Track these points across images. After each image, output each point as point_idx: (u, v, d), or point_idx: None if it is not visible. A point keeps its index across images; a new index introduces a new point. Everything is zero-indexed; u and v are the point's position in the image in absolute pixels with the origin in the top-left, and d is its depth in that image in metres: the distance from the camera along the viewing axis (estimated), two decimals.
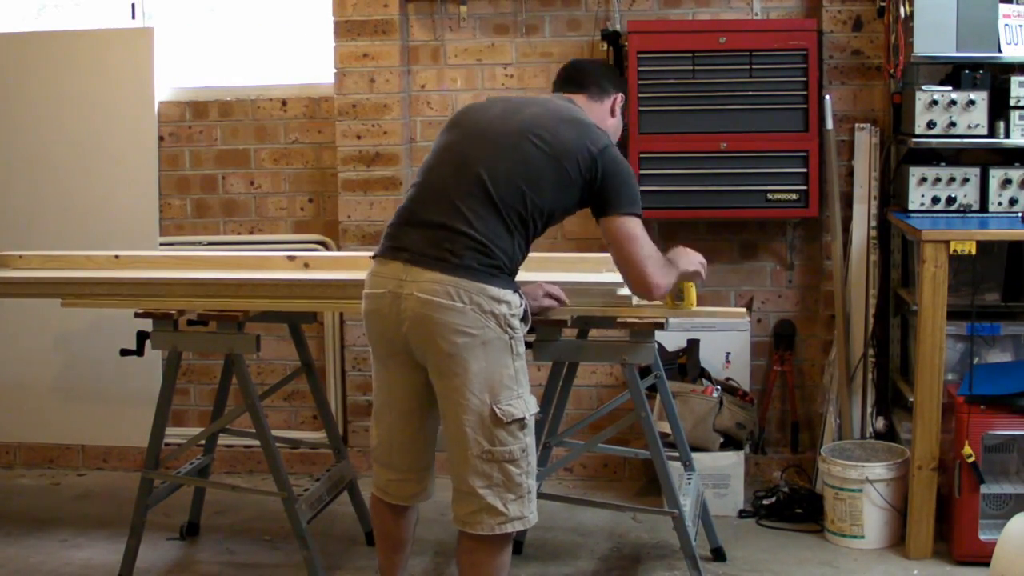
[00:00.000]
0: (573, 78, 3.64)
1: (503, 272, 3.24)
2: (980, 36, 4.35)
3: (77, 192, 5.22)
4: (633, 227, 3.34)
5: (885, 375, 4.82)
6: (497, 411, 3.22)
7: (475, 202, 3.22)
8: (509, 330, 3.24)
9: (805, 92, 4.71)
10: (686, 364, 4.87)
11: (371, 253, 3.42)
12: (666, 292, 3.48)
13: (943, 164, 4.48)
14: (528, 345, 3.77)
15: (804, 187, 4.74)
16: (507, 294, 3.23)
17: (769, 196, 4.76)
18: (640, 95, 4.75)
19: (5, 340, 5.25)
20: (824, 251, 4.89)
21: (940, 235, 4.10)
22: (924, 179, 4.45)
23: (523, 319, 3.29)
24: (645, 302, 3.70)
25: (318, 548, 4.09)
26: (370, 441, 3.52)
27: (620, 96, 3.65)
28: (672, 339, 4.90)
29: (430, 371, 3.28)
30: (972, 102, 4.35)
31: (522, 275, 3.39)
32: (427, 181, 3.34)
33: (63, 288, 4.21)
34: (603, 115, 3.57)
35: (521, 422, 3.26)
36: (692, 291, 3.76)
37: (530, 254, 3.37)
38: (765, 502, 4.65)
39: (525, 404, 3.28)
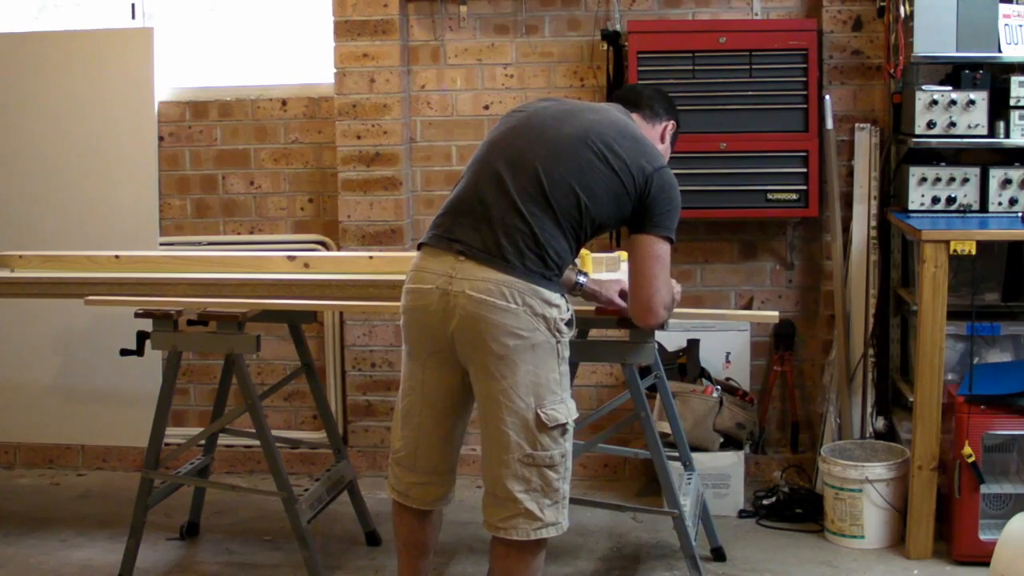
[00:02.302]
0: (627, 98, 3.58)
1: (555, 275, 3.21)
2: (980, 36, 4.35)
3: (77, 192, 5.22)
4: (663, 250, 3.28)
5: (885, 375, 4.82)
6: (542, 415, 3.17)
7: (532, 200, 3.17)
8: (557, 334, 3.20)
9: (805, 92, 4.72)
10: (686, 364, 4.87)
11: (417, 241, 3.34)
12: (658, 326, 3.43)
13: (943, 164, 4.48)
14: None
15: (804, 187, 4.75)
16: (557, 298, 3.20)
17: (769, 196, 4.76)
18: None
19: (5, 340, 5.26)
20: (824, 251, 4.89)
21: (940, 235, 4.10)
22: (924, 179, 4.45)
23: (569, 324, 3.25)
24: None
25: (318, 548, 4.10)
26: (392, 443, 3.42)
27: (672, 123, 3.60)
28: (672, 339, 4.90)
29: (474, 372, 3.21)
30: (972, 102, 4.35)
31: None
32: (481, 173, 3.25)
33: (63, 288, 4.22)
34: (654, 139, 3.51)
35: (563, 427, 3.22)
36: (588, 259, 3.82)
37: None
38: (765, 502, 4.65)
39: (568, 409, 3.24)
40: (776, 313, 3.97)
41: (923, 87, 4.42)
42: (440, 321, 3.19)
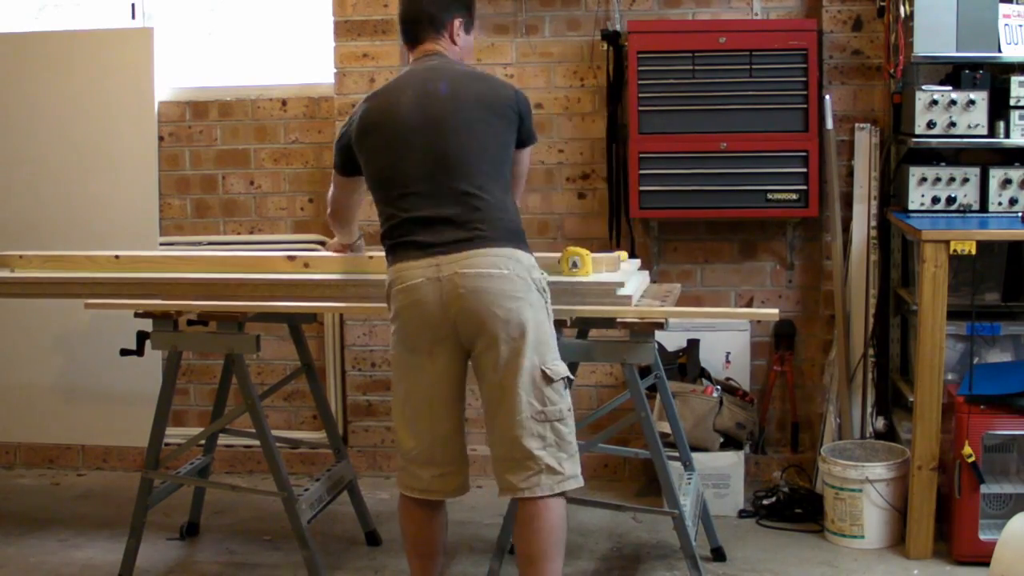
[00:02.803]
0: (410, 30, 3.54)
1: (523, 235, 3.38)
2: (980, 36, 4.35)
3: (77, 192, 5.22)
4: (529, 154, 3.61)
5: (885, 375, 4.82)
6: (546, 371, 3.31)
7: (470, 181, 3.32)
8: (543, 293, 3.36)
9: (805, 92, 4.72)
10: (686, 364, 4.87)
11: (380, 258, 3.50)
12: None
13: (943, 164, 4.48)
14: None
15: (804, 187, 4.75)
16: (534, 259, 3.37)
17: (769, 196, 4.76)
18: (640, 95, 4.76)
19: (5, 340, 5.26)
20: (824, 251, 4.89)
21: (940, 235, 4.10)
22: (924, 179, 4.45)
23: (547, 285, 3.41)
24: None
25: (318, 548, 4.10)
26: (402, 444, 3.46)
27: (457, 19, 3.54)
28: (672, 339, 4.90)
29: (482, 344, 3.30)
30: (972, 102, 4.35)
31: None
32: (409, 184, 3.36)
33: (63, 288, 4.22)
34: (450, 48, 3.53)
35: (565, 380, 3.36)
36: (588, 260, 3.83)
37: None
38: (765, 502, 4.65)
39: (563, 364, 3.38)
40: (776, 311, 3.96)
41: (923, 87, 4.42)
42: (439, 309, 3.29)
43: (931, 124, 4.38)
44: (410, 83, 3.46)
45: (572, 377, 3.42)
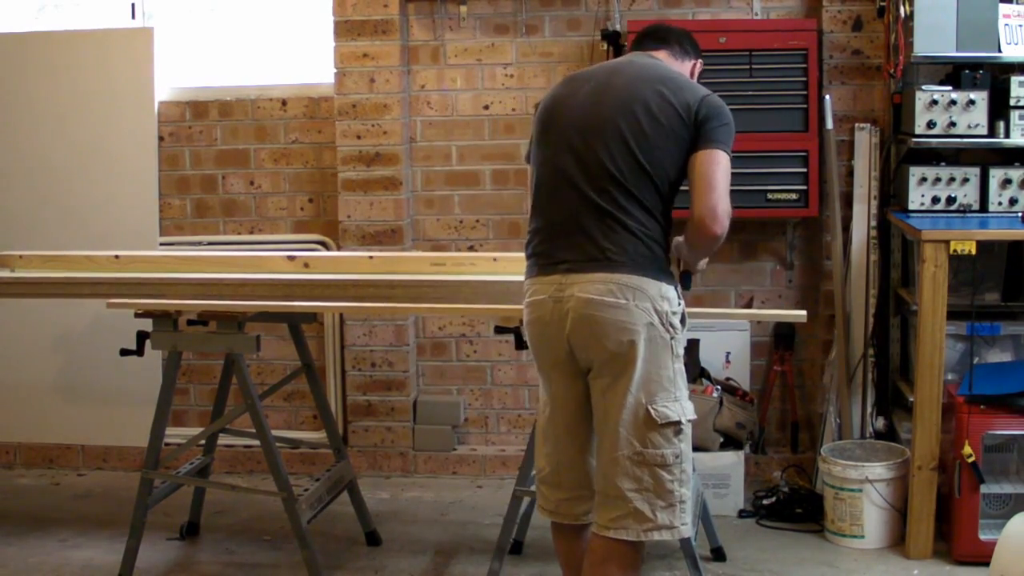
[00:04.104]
0: (653, 34, 3.47)
1: (661, 263, 3.15)
2: (980, 36, 4.35)
3: (77, 192, 5.22)
4: (724, 159, 3.16)
5: (885, 375, 4.82)
6: (652, 412, 3.12)
7: (613, 198, 3.12)
8: (670, 329, 3.15)
9: (805, 92, 4.72)
10: (686, 364, 4.86)
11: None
12: (719, 236, 3.13)
13: (943, 164, 4.48)
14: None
15: (804, 187, 4.75)
16: (668, 290, 3.15)
17: (769, 196, 4.76)
18: None
19: (5, 340, 5.26)
20: (824, 251, 4.89)
21: (940, 235, 4.10)
22: (924, 179, 4.45)
23: (682, 320, 3.20)
24: None
25: (318, 548, 4.10)
26: (535, 463, 3.37)
27: (700, 63, 3.51)
28: None
29: (592, 372, 3.17)
30: (972, 102, 4.35)
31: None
32: (558, 188, 3.20)
33: (63, 288, 4.22)
34: (678, 67, 3.42)
35: (676, 426, 3.15)
36: None
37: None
38: (765, 502, 4.65)
39: (682, 408, 3.18)
40: (804, 312, 3.89)
41: (923, 87, 4.42)
42: (557, 330, 3.17)
43: (931, 124, 4.38)
44: (600, 77, 3.28)
45: (686, 423, 3.17)
